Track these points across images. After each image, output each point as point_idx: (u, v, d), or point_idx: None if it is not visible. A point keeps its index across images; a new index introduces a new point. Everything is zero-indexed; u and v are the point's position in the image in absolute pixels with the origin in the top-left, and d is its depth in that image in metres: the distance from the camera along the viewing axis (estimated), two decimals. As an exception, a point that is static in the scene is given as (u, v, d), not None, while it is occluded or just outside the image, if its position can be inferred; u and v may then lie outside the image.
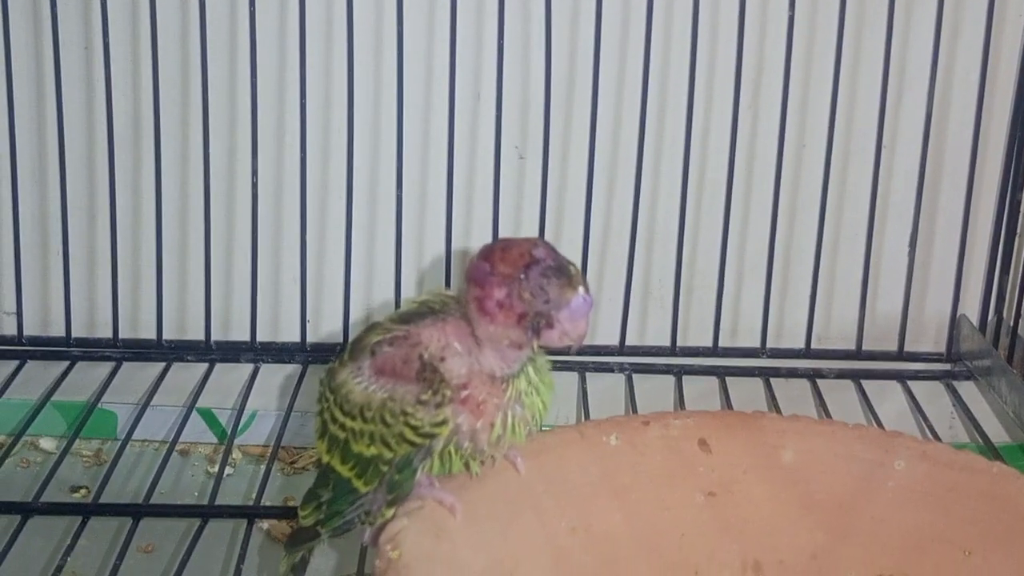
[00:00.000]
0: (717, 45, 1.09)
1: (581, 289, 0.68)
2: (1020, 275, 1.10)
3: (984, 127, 1.08)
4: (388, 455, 0.69)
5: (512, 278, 0.67)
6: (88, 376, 1.12)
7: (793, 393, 1.10)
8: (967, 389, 1.11)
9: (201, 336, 1.12)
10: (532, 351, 0.71)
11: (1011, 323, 1.09)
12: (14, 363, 1.10)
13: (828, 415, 1.04)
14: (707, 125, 1.11)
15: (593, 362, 1.12)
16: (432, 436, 0.69)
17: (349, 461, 0.71)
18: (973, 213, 1.10)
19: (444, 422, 0.68)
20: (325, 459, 0.73)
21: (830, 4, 1.06)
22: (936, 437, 1.01)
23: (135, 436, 1.05)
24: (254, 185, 1.08)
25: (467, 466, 0.72)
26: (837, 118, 1.08)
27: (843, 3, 1.05)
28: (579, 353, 1.08)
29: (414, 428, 0.68)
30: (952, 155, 1.12)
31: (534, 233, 1.08)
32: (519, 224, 1.13)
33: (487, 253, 0.69)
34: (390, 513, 0.71)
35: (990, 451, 0.99)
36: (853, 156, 1.12)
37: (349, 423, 0.71)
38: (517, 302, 0.67)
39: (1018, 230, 1.11)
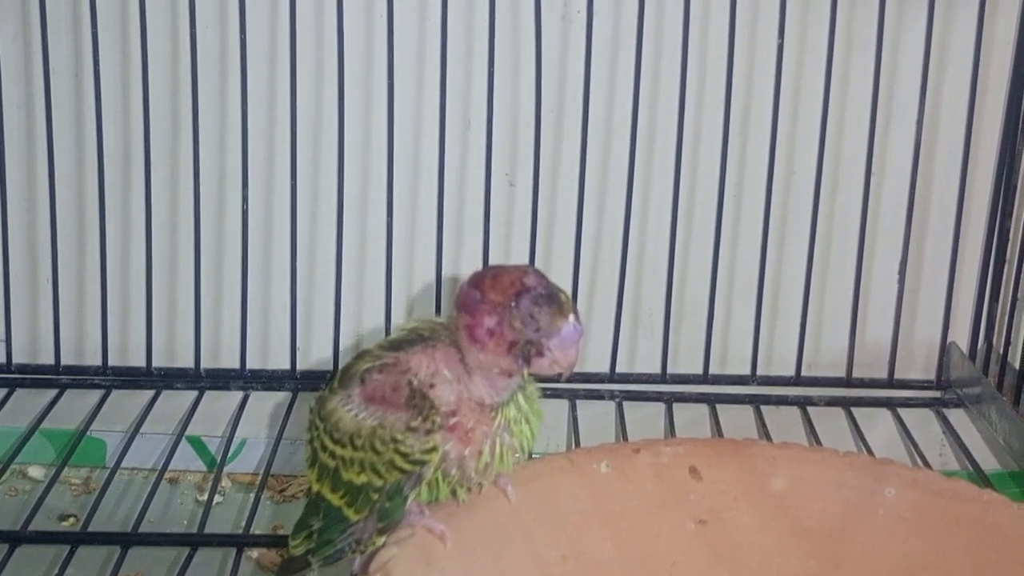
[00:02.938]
0: (706, 72, 1.09)
1: (572, 317, 0.68)
2: (1009, 302, 1.10)
3: (972, 154, 1.09)
4: (378, 483, 0.69)
5: (503, 306, 0.67)
6: (77, 404, 1.11)
7: (783, 420, 1.10)
8: (957, 416, 1.11)
9: (190, 363, 1.12)
10: (522, 379, 0.71)
11: (1001, 351, 1.10)
12: (3, 391, 1.10)
13: (818, 442, 1.04)
14: (696, 152, 1.11)
15: (583, 389, 1.12)
16: (422, 463, 0.68)
17: (339, 489, 0.71)
18: (962, 241, 1.11)
19: (434, 449, 0.68)
20: (315, 488, 0.73)
21: (818, 32, 1.07)
22: (926, 464, 1.01)
23: (124, 464, 1.05)
24: (244, 212, 1.08)
25: (454, 493, 0.72)
26: (826, 145, 1.08)
27: (831, 31, 1.06)
28: (569, 380, 1.09)
29: (404, 455, 0.68)
30: (941, 182, 1.12)
31: (524, 260, 1.08)
32: (509, 251, 1.13)
33: (477, 281, 0.69)
34: (380, 541, 0.71)
35: (980, 479, 0.99)
36: (842, 183, 1.12)
37: (339, 451, 0.71)
38: (508, 330, 0.67)
39: (1007, 257, 1.11)
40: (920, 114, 1.08)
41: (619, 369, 1.13)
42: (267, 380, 1.14)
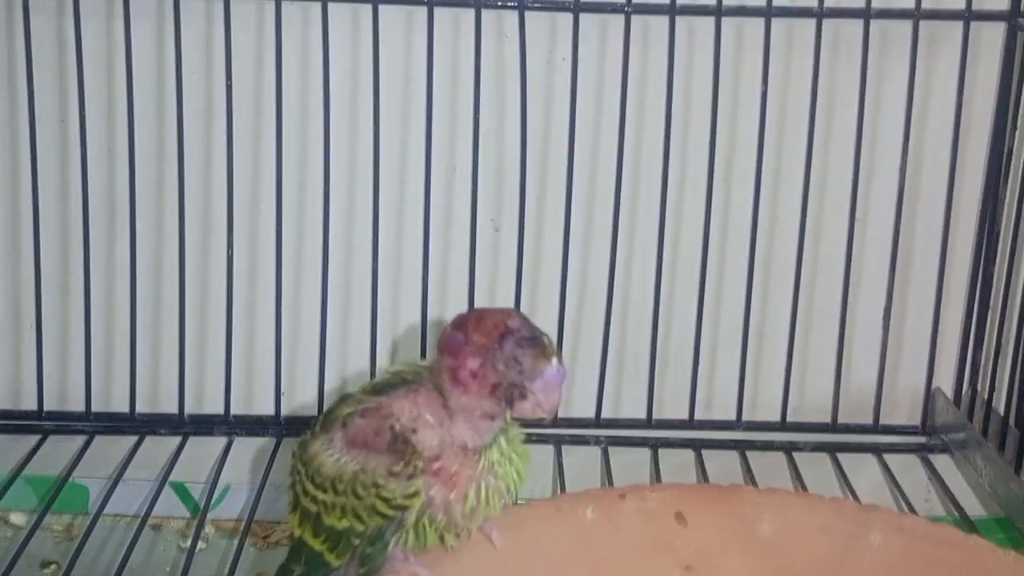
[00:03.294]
0: (691, 120, 1.10)
1: (555, 360, 0.68)
2: (994, 348, 1.11)
3: (956, 200, 1.09)
4: (360, 528, 0.69)
5: (486, 348, 0.67)
6: (60, 450, 1.11)
7: (769, 466, 1.10)
8: (942, 462, 1.11)
9: (174, 409, 1.11)
10: (505, 422, 0.71)
11: (985, 396, 1.10)
12: (-15, 437, 1.09)
13: (804, 488, 1.04)
14: (681, 198, 1.11)
15: (569, 435, 1.11)
16: (404, 508, 0.68)
17: (321, 534, 0.71)
18: (946, 287, 1.11)
19: (416, 494, 0.68)
20: (297, 532, 0.73)
21: (802, 80, 1.08)
22: (912, 510, 1.01)
23: (107, 510, 1.04)
24: (229, 258, 1.08)
25: (442, 539, 0.72)
26: (810, 192, 1.08)
27: (815, 78, 1.06)
28: (554, 425, 1.09)
29: (386, 500, 0.68)
30: (924, 228, 1.12)
31: (509, 305, 1.08)
32: (494, 296, 1.13)
33: (461, 323, 0.69)
34: (363, 587, 0.70)
35: (966, 524, 0.98)
36: (826, 230, 1.12)
37: (321, 496, 0.70)
38: (491, 372, 0.67)
39: (991, 303, 1.11)
40: (903, 161, 1.08)
41: (604, 414, 1.13)
42: (251, 425, 1.13)
